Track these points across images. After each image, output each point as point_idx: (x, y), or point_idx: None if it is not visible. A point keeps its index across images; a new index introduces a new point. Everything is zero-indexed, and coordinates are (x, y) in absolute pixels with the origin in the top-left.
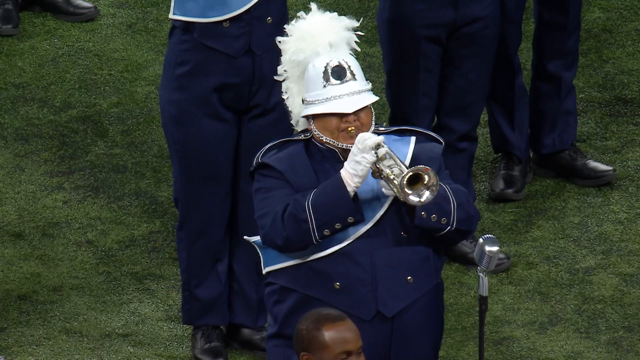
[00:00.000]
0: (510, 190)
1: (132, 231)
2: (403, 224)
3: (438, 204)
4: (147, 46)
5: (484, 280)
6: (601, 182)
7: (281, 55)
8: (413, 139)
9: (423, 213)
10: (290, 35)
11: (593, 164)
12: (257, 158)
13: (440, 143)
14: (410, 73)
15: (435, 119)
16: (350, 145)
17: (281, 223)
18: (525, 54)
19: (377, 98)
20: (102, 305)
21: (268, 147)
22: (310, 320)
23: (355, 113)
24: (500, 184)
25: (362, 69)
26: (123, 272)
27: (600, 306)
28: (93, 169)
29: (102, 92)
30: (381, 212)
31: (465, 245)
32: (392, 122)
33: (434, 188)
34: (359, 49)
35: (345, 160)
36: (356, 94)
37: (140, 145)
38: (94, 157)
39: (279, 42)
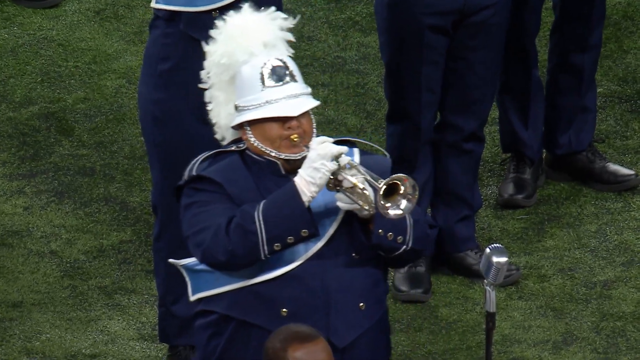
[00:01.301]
0: (520, 195)
1: (101, 240)
2: (354, 243)
3: (393, 220)
4: (117, 35)
5: (491, 294)
6: (622, 187)
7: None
8: (356, 150)
9: (380, 231)
10: (217, 37)
11: (613, 167)
12: (189, 171)
13: (386, 156)
14: (411, 65)
15: (439, 116)
16: (294, 155)
17: (225, 236)
18: (538, 44)
19: (318, 102)
20: (67, 322)
21: (200, 159)
22: (279, 339)
23: (297, 119)
24: (510, 189)
25: (356, 60)
26: (90, 286)
27: (621, 323)
28: (57, 172)
29: (67, 86)
30: (332, 230)
31: (470, 256)
32: (389, 119)
33: (411, 197)
34: (292, 51)
35: (288, 173)
36: (297, 97)
37: (109, 145)
38: (58, 159)
39: (204, 45)
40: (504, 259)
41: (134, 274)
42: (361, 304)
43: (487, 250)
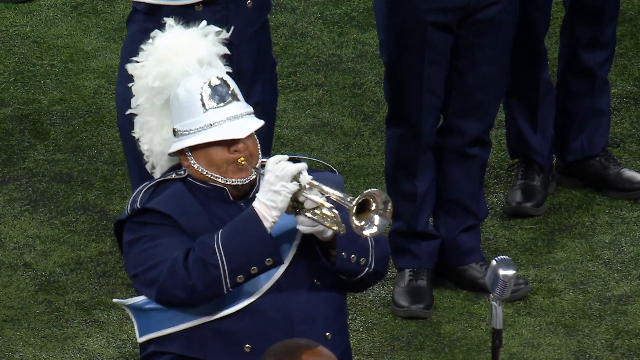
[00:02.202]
0: (529, 204)
1: (78, 252)
2: (314, 269)
3: (356, 241)
4: (96, 31)
5: (498, 310)
6: (638, 195)
7: (257, 47)
8: (304, 166)
9: (343, 253)
10: (146, 59)
11: (629, 173)
12: (131, 204)
13: (335, 172)
14: (413, 65)
15: (441, 119)
16: (242, 180)
17: (184, 271)
18: (548, 42)
19: (262, 122)
20: (42, 340)
21: (140, 190)
22: (280, 355)
23: (243, 141)
24: (518, 196)
25: (352, 58)
26: (67, 301)
27: (637, 341)
28: (31, 178)
29: (42, 87)
30: (291, 255)
31: (475, 269)
32: (389, 122)
33: (383, 212)
34: (230, 70)
35: (237, 200)
36: (241, 117)
37: (87, 150)
38: (33, 164)
39: (132, 69)
40: (511, 272)
41: (114, 288)
42: (327, 334)
43: (493, 262)
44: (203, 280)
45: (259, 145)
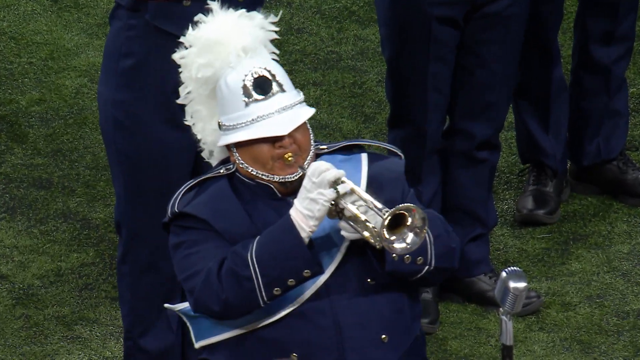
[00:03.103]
0: (541, 211)
1: (59, 263)
2: (367, 268)
3: None
4: (78, 27)
5: (508, 325)
6: None
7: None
8: (364, 156)
9: (394, 255)
10: (190, 47)
11: None
12: (172, 207)
13: (400, 157)
14: (417, 62)
15: (448, 121)
16: (290, 177)
17: (217, 283)
18: (561, 38)
19: (314, 110)
20: (19, 357)
21: (182, 191)
22: None
23: (291, 134)
24: (529, 203)
25: (352, 55)
26: (47, 316)
27: None
28: (8, 184)
29: (19, 86)
30: (338, 259)
31: (483, 282)
32: (391, 123)
33: (419, 230)
34: (277, 52)
35: (285, 196)
36: (288, 110)
37: (68, 154)
38: (10, 169)
39: (178, 58)
40: (522, 285)
41: (97, 301)
42: (383, 336)
43: (503, 274)
44: (236, 293)
45: (311, 135)
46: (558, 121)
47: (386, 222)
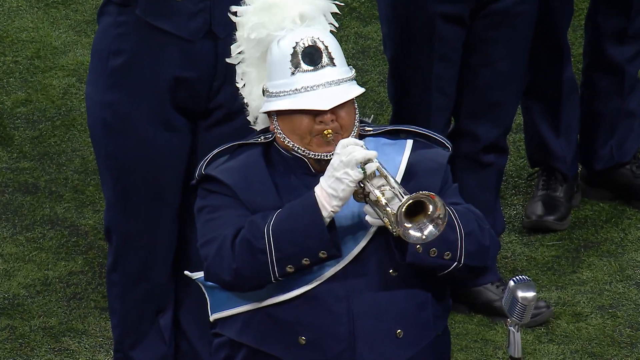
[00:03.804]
0: (551, 217)
1: (46, 272)
2: (391, 258)
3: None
4: (66, 24)
5: (516, 336)
6: None
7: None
8: (409, 143)
9: (418, 247)
10: (249, 5)
11: None
12: (201, 168)
13: (447, 149)
14: (420, 62)
15: (453, 122)
16: (326, 155)
17: (230, 252)
18: (572, 36)
19: (362, 90)
20: None
21: (215, 152)
22: None
23: (334, 111)
24: (538, 209)
25: (353, 54)
26: (33, 327)
27: None
28: None
29: (4, 86)
30: (362, 244)
31: (490, 291)
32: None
33: (440, 221)
34: (336, 24)
35: (319, 173)
36: (335, 85)
37: (56, 157)
38: None
39: (234, 13)
40: (531, 294)
41: (86, 312)
42: (398, 331)
43: (511, 283)
44: (249, 264)
45: (357, 114)
46: (569, 123)
47: (404, 207)
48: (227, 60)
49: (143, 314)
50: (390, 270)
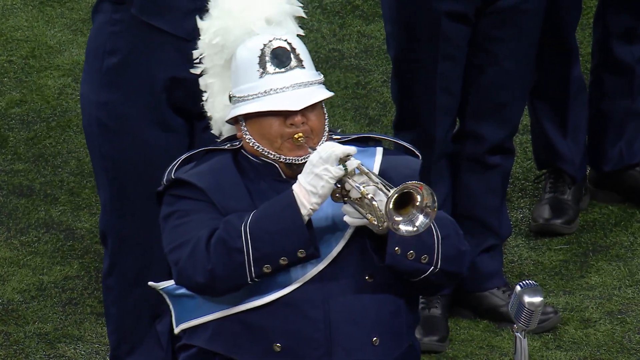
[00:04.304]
0: (559, 221)
1: (41, 277)
2: (368, 264)
3: (417, 236)
4: (61, 23)
5: (523, 343)
6: None
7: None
8: (379, 150)
9: (397, 249)
10: (212, 11)
11: None
12: (168, 173)
13: (417, 157)
14: (424, 61)
15: (458, 123)
16: (297, 159)
17: (205, 252)
18: (580, 35)
19: (331, 94)
20: None
21: (182, 158)
22: None
23: (304, 114)
24: (546, 212)
25: (356, 53)
26: (28, 333)
27: None
28: None
29: None
30: (338, 249)
31: (496, 296)
32: (397, 126)
33: (429, 209)
34: (302, 32)
35: (290, 178)
36: (304, 87)
37: (51, 159)
38: None
39: (199, 21)
40: (538, 300)
41: (82, 317)
42: (374, 339)
43: (518, 288)
44: (224, 265)
45: (326, 120)
46: (577, 124)
47: (392, 200)
48: (191, 70)
49: (140, 319)
50: (367, 277)
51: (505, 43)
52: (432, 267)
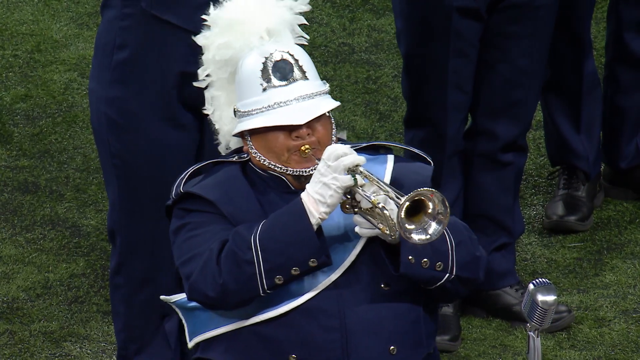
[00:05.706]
0: (572, 218)
1: (46, 274)
2: (383, 272)
3: (430, 243)
4: (67, 16)
5: (536, 342)
6: None
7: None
8: (390, 157)
9: (411, 257)
10: (213, 26)
11: None
12: (177, 187)
13: (429, 164)
14: (436, 57)
15: (470, 120)
16: (305, 171)
17: (216, 266)
18: (594, 28)
19: (337, 104)
20: None
21: (191, 171)
22: None
23: (310, 125)
24: (559, 209)
25: (366, 48)
26: (33, 332)
27: None
28: None
29: (3, 81)
30: (352, 257)
31: (509, 294)
32: (408, 123)
33: (442, 216)
34: (307, 37)
35: (298, 189)
36: (308, 99)
37: (57, 155)
38: None
39: (199, 38)
40: (551, 298)
41: (88, 316)
42: (392, 348)
43: (531, 286)
44: (235, 278)
45: (333, 129)
46: (591, 119)
47: (404, 208)
48: (195, 84)
49: (148, 318)
50: (382, 285)
51: (518, 39)
52: (448, 274)
